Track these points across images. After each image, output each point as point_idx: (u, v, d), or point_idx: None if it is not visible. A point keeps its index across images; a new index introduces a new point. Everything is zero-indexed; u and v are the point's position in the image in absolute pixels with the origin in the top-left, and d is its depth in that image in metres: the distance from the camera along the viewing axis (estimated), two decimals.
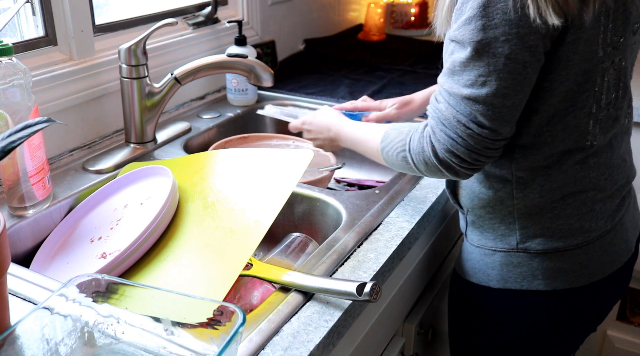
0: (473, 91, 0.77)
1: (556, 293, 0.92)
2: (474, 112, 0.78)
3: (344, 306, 0.75)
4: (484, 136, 0.80)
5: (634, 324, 1.74)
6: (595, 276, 0.92)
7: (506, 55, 0.75)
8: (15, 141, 0.61)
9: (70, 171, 1.12)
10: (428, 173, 0.87)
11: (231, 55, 1.23)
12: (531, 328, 0.96)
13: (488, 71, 0.76)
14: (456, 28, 0.77)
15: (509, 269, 0.93)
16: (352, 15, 2.19)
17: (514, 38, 0.74)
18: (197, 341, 0.64)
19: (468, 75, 0.77)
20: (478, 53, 0.76)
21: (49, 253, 0.94)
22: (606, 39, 0.80)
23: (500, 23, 0.74)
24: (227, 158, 1.00)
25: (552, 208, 0.89)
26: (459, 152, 0.81)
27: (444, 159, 0.83)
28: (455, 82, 0.79)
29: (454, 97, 0.79)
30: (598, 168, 0.89)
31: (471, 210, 0.96)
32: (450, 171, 0.84)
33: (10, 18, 0.87)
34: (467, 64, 0.77)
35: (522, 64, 0.76)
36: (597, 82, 0.82)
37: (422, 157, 0.85)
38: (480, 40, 0.75)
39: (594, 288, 0.93)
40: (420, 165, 0.86)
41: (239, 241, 0.82)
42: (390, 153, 0.91)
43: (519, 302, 0.95)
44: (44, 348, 0.63)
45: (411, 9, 2.15)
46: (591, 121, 0.85)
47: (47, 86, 1.11)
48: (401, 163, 0.90)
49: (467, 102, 0.78)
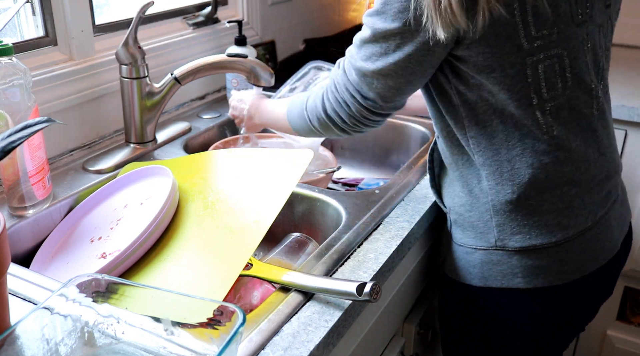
0: (364, 64, 0.88)
1: (536, 291, 0.92)
2: (361, 83, 0.89)
3: (344, 306, 0.75)
4: (364, 107, 0.91)
5: (634, 324, 1.74)
6: (576, 274, 0.92)
7: (396, 45, 0.83)
8: (15, 141, 0.61)
9: (70, 171, 1.12)
10: (321, 129, 0.99)
11: (231, 55, 1.23)
12: (514, 326, 0.97)
13: (379, 52, 0.85)
14: (368, 14, 0.86)
15: (489, 267, 0.93)
16: (352, 15, 2.19)
17: (406, 35, 0.82)
18: (197, 341, 0.64)
19: (365, 50, 0.88)
20: (375, 37, 0.85)
21: (49, 253, 0.94)
22: (530, 33, 0.81)
23: (398, 21, 0.81)
24: (227, 158, 1.00)
25: (528, 204, 0.89)
26: (342, 115, 0.94)
27: (331, 116, 0.95)
28: (356, 53, 0.90)
29: (350, 66, 0.91)
30: (571, 162, 0.88)
31: (453, 209, 0.97)
32: (337, 128, 0.96)
33: (10, 18, 0.87)
34: (366, 42, 0.87)
35: (407, 56, 0.83)
36: (529, 74, 0.83)
37: (315, 113, 0.97)
38: (378, 29, 0.84)
39: (575, 286, 0.93)
40: (314, 122, 0.98)
41: (239, 241, 0.82)
42: (294, 116, 1.03)
43: (500, 300, 0.95)
44: (44, 348, 0.63)
45: None
46: (537, 111, 0.86)
47: (47, 86, 1.11)
48: (301, 123, 1.01)
49: (357, 73, 0.89)
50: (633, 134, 1.52)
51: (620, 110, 1.46)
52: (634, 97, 1.51)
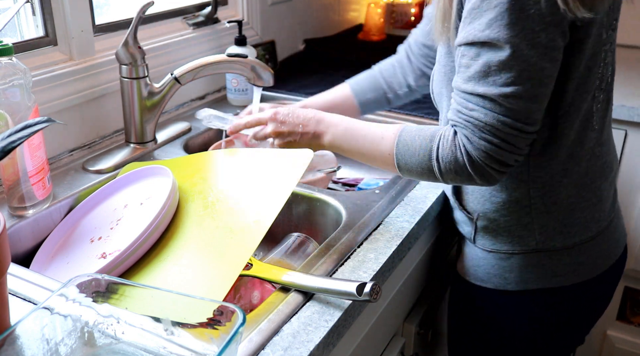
0: (516, 88, 0.74)
1: (574, 287, 0.92)
2: (520, 109, 0.75)
3: (344, 306, 0.75)
4: (529, 132, 0.78)
5: (634, 324, 1.74)
6: (605, 265, 0.94)
7: (545, 45, 0.73)
8: (15, 141, 0.61)
9: (70, 171, 1.12)
10: (452, 181, 0.84)
11: (231, 55, 1.22)
12: (547, 324, 0.96)
13: (530, 63, 0.74)
14: (483, 28, 0.74)
15: (528, 270, 0.92)
16: (352, 15, 2.19)
17: (549, 26, 0.73)
18: (197, 341, 0.64)
19: (508, 73, 0.74)
20: (519, 47, 0.73)
21: (49, 253, 0.94)
22: (609, 21, 0.81)
23: (535, 13, 0.72)
24: (227, 158, 1.00)
25: (569, 203, 0.88)
26: (501, 157, 0.78)
27: (480, 167, 0.79)
28: (491, 84, 0.75)
29: (491, 101, 0.76)
30: (602, 157, 0.89)
31: (482, 215, 0.94)
32: (482, 178, 0.81)
33: (10, 18, 0.87)
34: (506, 62, 0.74)
35: (558, 50, 0.75)
36: (600, 65, 0.82)
37: (454, 166, 0.80)
38: (518, 34, 0.72)
39: (602, 277, 0.94)
40: (448, 174, 0.82)
41: (239, 241, 0.82)
42: (409, 160, 0.85)
43: (538, 301, 0.95)
44: (44, 348, 0.63)
45: (411, 9, 2.15)
46: (594, 104, 0.85)
47: (47, 86, 1.11)
48: (421, 170, 0.85)
49: (510, 101, 0.75)
50: (633, 134, 1.52)
51: (620, 110, 1.46)
52: (634, 97, 1.51)
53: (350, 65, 1.77)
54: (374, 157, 0.89)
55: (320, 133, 0.94)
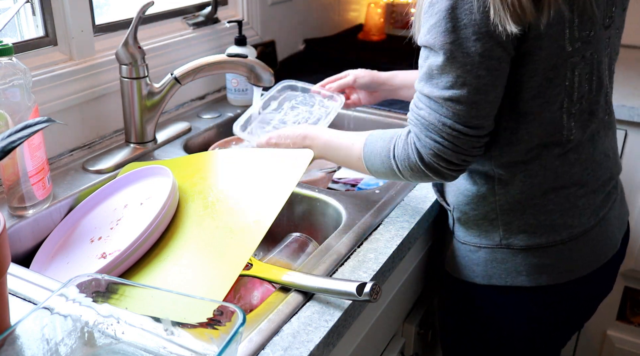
0: (454, 92, 0.79)
1: (540, 289, 0.92)
2: (458, 113, 0.80)
3: (344, 306, 0.75)
4: (471, 135, 0.81)
5: (634, 324, 1.74)
6: (579, 272, 0.93)
7: (480, 54, 0.76)
8: (15, 141, 0.61)
9: (70, 171, 1.12)
10: (413, 179, 0.89)
11: (231, 55, 1.23)
12: (516, 323, 0.97)
13: (465, 70, 0.77)
14: (426, 32, 0.79)
15: (493, 265, 0.94)
16: (352, 15, 2.19)
17: (484, 36, 0.76)
18: (197, 341, 0.64)
19: (447, 77, 0.79)
20: (452, 54, 0.77)
21: (49, 253, 0.94)
22: (573, 34, 0.81)
23: (469, 23, 0.75)
24: (227, 158, 1.00)
25: (534, 204, 0.89)
26: (447, 156, 0.82)
27: (430, 164, 0.84)
28: (434, 86, 0.80)
29: (435, 101, 0.81)
30: (580, 164, 0.89)
31: (456, 207, 0.97)
32: (437, 175, 0.85)
33: (10, 18, 0.87)
34: (444, 67, 0.78)
35: (496, 59, 0.78)
36: (568, 77, 0.83)
37: (408, 163, 0.86)
38: (453, 42, 0.76)
39: (578, 284, 0.94)
40: (405, 171, 0.87)
41: (239, 241, 0.82)
42: (374, 161, 0.91)
43: (503, 298, 0.96)
44: (44, 348, 0.63)
45: (411, 9, 2.15)
46: (564, 115, 0.85)
47: (47, 86, 1.11)
48: (385, 171, 0.90)
49: (449, 104, 0.80)
50: (633, 134, 1.52)
51: (620, 110, 1.46)
52: (634, 97, 1.51)
53: (350, 65, 1.76)
54: (349, 163, 0.97)
55: (308, 148, 1.01)
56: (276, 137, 1.05)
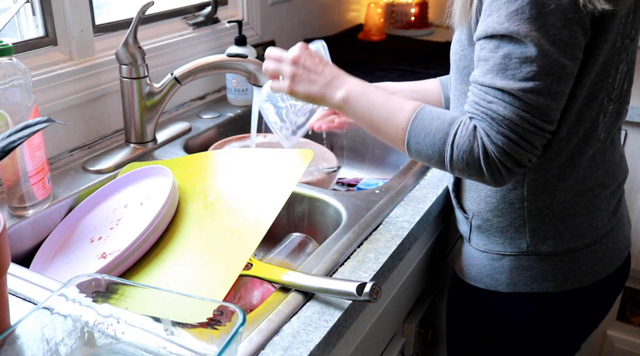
0: (536, 84, 0.73)
1: (566, 294, 0.92)
2: (538, 106, 0.74)
3: (344, 306, 0.75)
4: (546, 131, 0.76)
5: (634, 324, 1.74)
6: (602, 274, 0.93)
7: (566, 41, 0.72)
8: (15, 141, 0.61)
9: (70, 171, 1.12)
10: (460, 173, 0.80)
11: (231, 55, 1.23)
12: (539, 329, 0.96)
13: (551, 59, 0.72)
14: (502, 21, 0.72)
15: (518, 272, 0.92)
16: (352, 15, 2.19)
17: (571, 22, 0.71)
18: (197, 341, 0.64)
19: (529, 67, 0.72)
20: (539, 42, 0.71)
21: (49, 253, 0.94)
22: (626, 30, 0.80)
23: (557, 9, 0.71)
24: (227, 158, 1.00)
25: (563, 208, 0.88)
26: (517, 155, 0.76)
27: (493, 163, 0.76)
28: (511, 78, 0.73)
29: (510, 94, 0.74)
30: (604, 165, 0.89)
31: (477, 214, 0.94)
32: (492, 176, 0.77)
33: (10, 18, 0.87)
34: (527, 57, 0.72)
35: (579, 48, 0.74)
36: (611, 74, 0.81)
37: (467, 156, 0.77)
38: (539, 29, 0.71)
39: (601, 285, 0.94)
40: (458, 163, 0.78)
41: (239, 241, 0.82)
42: (423, 139, 0.80)
43: (528, 304, 0.94)
44: (44, 348, 0.63)
45: (411, 9, 2.15)
46: (601, 113, 0.84)
47: (47, 86, 1.11)
48: (431, 154, 0.80)
49: (529, 97, 0.73)
50: (633, 134, 1.52)
51: None
52: (634, 97, 1.51)
53: (350, 65, 1.77)
54: (385, 128, 0.84)
55: (336, 84, 0.88)
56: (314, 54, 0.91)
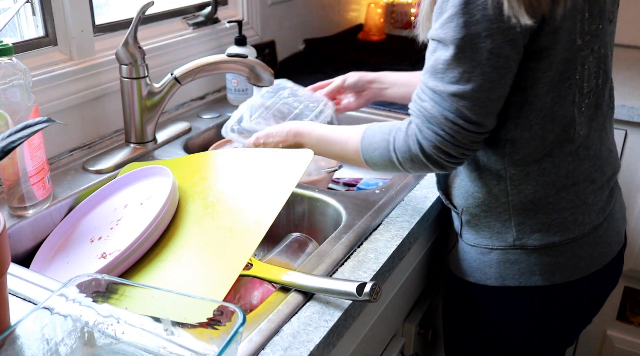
0: (459, 88, 0.79)
1: (554, 288, 0.93)
2: (461, 108, 0.80)
3: (344, 306, 0.75)
4: (471, 131, 0.82)
5: (634, 324, 1.74)
6: (591, 268, 0.93)
7: (489, 50, 0.76)
8: (15, 141, 0.61)
9: (70, 171, 1.12)
10: (413, 170, 0.89)
11: (231, 55, 1.22)
12: (529, 323, 0.97)
13: (472, 66, 0.77)
14: (438, 27, 0.79)
15: (506, 266, 0.93)
16: (352, 15, 2.19)
17: (495, 33, 0.76)
18: (197, 341, 0.64)
19: (452, 72, 0.79)
20: (461, 50, 0.77)
21: (49, 253, 0.94)
22: (584, 27, 0.81)
23: (482, 19, 0.75)
24: (227, 158, 1.00)
25: (547, 202, 0.89)
26: (447, 148, 0.83)
27: (431, 156, 0.84)
28: (439, 80, 0.80)
29: (439, 95, 0.81)
30: (589, 160, 0.90)
31: (465, 209, 0.96)
32: (437, 166, 0.86)
33: (10, 18, 0.87)
34: (451, 62, 0.78)
35: (504, 57, 0.78)
36: (578, 70, 0.83)
37: (409, 155, 0.86)
38: (463, 37, 0.76)
39: (589, 280, 0.94)
40: (406, 163, 0.87)
41: (239, 241, 0.82)
42: (373, 154, 0.91)
43: (517, 299, 0.95)
44: (44, 348, 0.63)
45: (411, 9, 2.15)
46: (575, 109, 0.86)
47: (47, 86, 1.11)
48: (384, 163, 0.90)
49: (453, 99, 0.80)
50: (633, 134, 1.52)
51: (620, 110, 1.46)
52: (634, 97, 1.51)
53: (350, 65, 1.77)
54: (345, 157, 0.96)
55: (300, 144, 1.00)
56: (264, 136, 1.03)
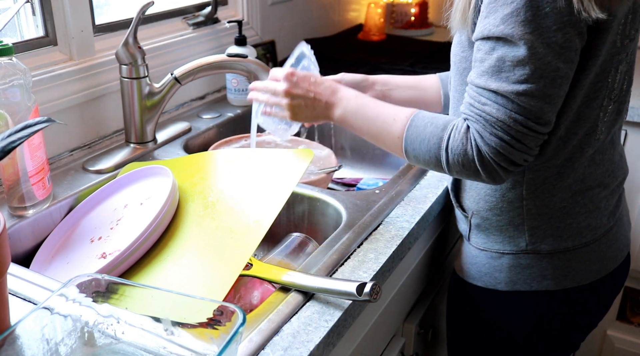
0: (529, 86, 0.74)
1: (564, 292, 0.92)
2: (530, 108, 0.75)
3: (344, 306, 0.75)
4: (540, 132, 0.77)
5: (634, 324, 1.74)
6: (601, 273, 0.93)
7: (561, 44, 0.73)
8: (15, 141, 0.61)
9: (70, 171, 1.12)
10: (459, 174, 0.82)
11: (231, 55, 1.23)
12: (536, 327, 0.96)
13: (545, 62, 0.73)
14: (498, 23, 0.74)
15: (517, 271, 0.92)
16: (352, 15, 2.19)
17: (566, 26, 0.72)
18: (197, 341, 0.64)
19: (522, 70, 0.73)
20: (533, 45, 0.72)
21: (49, 253, 0.94)
22: (625, 30, 0.80)
23: (552, 12, 0.71)
24: (227, 158, 1.00)
25: (562, 207, 0.88)
26: (510, 155, 0.77)
27: (488, 163, 0.78)
28: (504, 80, 0.75)
29: (504, 97, 0.75)
30: (603, 165, 0.89)
31: (476, 213, 0.94)
32: (489, 176, 0.79)
33: (10, 18, 0.87)
34: (521, 59, 0.73)
35: (574, 50, 0.74)
36: (611, 74, 0.82)
37: (462, 159, 0.79)
38: (533, 31, 0.72)
39: (599, 284, 0.94)
40: (455, 166, 0.80)
41: (239, 241, 0.82)
42: (419, 146, 0.83)
43: (526, 303, 0.94)
44: (44, 348, 0.63)
45: (411, 9, 2.15)
46: (601, 113, 0.84)
47: (47, 86, 1.11)
48: (429, 159, 0.83)
49: (521, 99, 0.74)
50: (633, 134, 1.52)
51: None
52: (634, 97, 1.51)
53: (350, 65, 1.77)
54: (382, 138, 0.88)
55: (332, 103, 0.91)
56: (302, 77, 0.93)
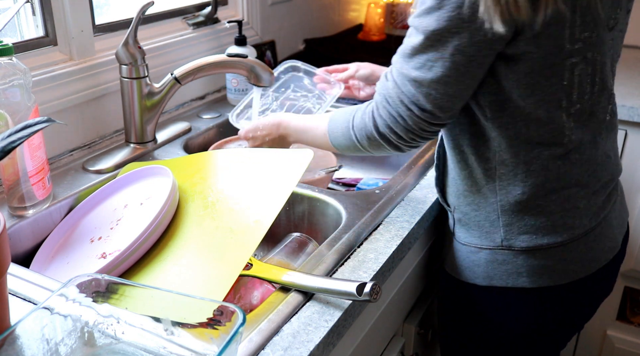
0: (419, 74, 0.81)
1: (541, 290, 0.92)
2: (417, 95, 0.82)
3: (344, 306, 0.75)
4: (422, 119, 0.84)
5: (634, 324, 1.74)
6: (579, 274, 0.93)
7: (454, 46, 0.78)
8: (15, 141, 0.61)
9: (70, 171, 1.12)
10: (371, 148, 0.92)
11: (231, 55, 1.23)
12: (516, 324, 0.97)
13: (435, 57, 0.80)
14: (416, 15, 0.82)
15: (494, 266, 0.94)
16: (352, 15, 2.19)
17: (463, 32, 0.77)
18: (197, 341, 0.64)
19: (418, 59, 0.81)
20: (430, 41, 0.79)
21: (49, 253, 0.94)
22: (574, 34, 0.81)
23: (454, 16, 0.76)
24: (227, 158, 1.00)
25: (536, 205, 0.89)
26: (397, 130, 0.86)
27: (384, 134, 0.88)
28: (406, 63, 0.83)
29: (402, 77, 0.84)
30: (581, 165, 0.89)
31: (457, 208, 0.97)
32: (391, 145, 0.89)
33: (10, 18, 0.87)
34: (419, 49, 0.81)
35: (467, 57, 0.79)
36: (566, 77, 0.83)
37: (365, 132, 0.90)
38: (434, 30, 0.78)
39: (578, 285, 0.94)
40: (363, 141, 0.91)
41: (239, 241, 0.82)
42: (337, 135, 0.96)
43: (504, 299, 0.95)
44: (44, 348, 0.63)
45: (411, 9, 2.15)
46: (563, 114, 0.85)
47: (47, 86, 1.11)
48: (347, 143, 0.94)
49: (412, 84, 0.82)
50: (633, 134, 1.52)
51: (620, 110, 1.46)
52: (634, 97, 1.51)
53: None
54: (317, 142, 1.02)
55: (283, 136, 1.08)
56: (252, 130, 1.10)
